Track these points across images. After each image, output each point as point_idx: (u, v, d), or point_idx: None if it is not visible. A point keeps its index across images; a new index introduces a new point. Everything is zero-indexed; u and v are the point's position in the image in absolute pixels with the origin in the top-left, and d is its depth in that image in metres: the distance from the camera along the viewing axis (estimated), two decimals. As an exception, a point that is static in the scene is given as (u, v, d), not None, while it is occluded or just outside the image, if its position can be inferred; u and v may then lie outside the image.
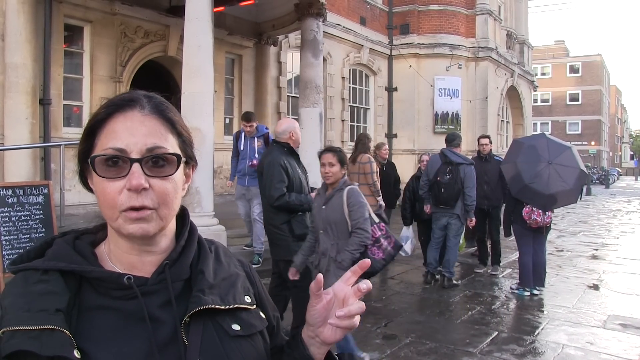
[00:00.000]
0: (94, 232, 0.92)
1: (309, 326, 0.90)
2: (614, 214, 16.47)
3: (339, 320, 0.85)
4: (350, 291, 0.87)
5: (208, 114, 6.75)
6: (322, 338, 0.88)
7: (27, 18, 6.95)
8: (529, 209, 5.88)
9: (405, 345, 4.47)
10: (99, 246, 0.90)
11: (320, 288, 0.87)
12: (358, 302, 0.86)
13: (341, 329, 0.87)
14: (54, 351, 0.73)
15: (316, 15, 9.14)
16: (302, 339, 0.92)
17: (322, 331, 0.88)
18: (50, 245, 0.87)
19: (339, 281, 0.88)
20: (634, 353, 4.38)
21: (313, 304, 0.88)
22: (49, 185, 4.92)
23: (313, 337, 0.90)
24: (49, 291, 0.78)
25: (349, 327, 0.86)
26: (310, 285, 0.86)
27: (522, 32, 20.70)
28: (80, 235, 0.90)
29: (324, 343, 0.89)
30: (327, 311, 0.87)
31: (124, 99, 0.85)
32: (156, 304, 0.83)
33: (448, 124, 15.82)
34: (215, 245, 0.98)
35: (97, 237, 0.91)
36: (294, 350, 0.92)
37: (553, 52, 57.91)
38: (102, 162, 0.81)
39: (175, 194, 0.84)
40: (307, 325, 0.91)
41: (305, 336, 0.91)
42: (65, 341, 0.74)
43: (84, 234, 0.91)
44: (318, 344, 0.90)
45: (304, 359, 0.91)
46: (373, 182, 7.01)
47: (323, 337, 0.88)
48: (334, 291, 0.87)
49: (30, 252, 0.86)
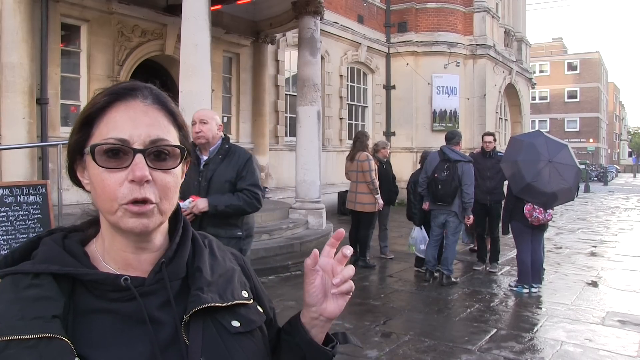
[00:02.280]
0: (83, 229, 0.88)
1: (310, 307, 0.90)
2: (612, 211, 16.49)
3: (339, 288, 0.88)
4: (334, 262, 0.90)
5: (206, 112, 6.73)
6: (326, 314, 0.90)
7: (23, 17, 6.93)
8: (530, 207, 5.89)
9: (404, 342, 4.46)
10: (90, 244, 0.85)
11: (317, 263, 0.88)
12: (347, 266, 0.90)
13: (342, 297, 0.89)
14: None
15: (313, 13, 9.14)
16: (302, 323, 0.92)
17: (325, 307, 0.89)
18: (36, 245, 0.82)
19: (321, 256, 0.90)
20: (633, 349, 4.39)
21: (311, 280, 0.89)
22: (46, 184, 4.92)
23: (316, 318, 0.91)
24: (43, 296, 0.74)
25: (349, 290, 0.89)
26: (306, 262, 0.89)
27: (520, 29, 20.71)
28: (68, 233, 0.86)
29: (328, 319, 0.91)
30: (324, 287, 0.89)
31: (126, 87, 0.82)
32: (155, 304, 0.80)
33: (446, 121, 15.82)
34: (209, 240, 0.95)
35: (87, 235, 0.87)
36: (294, 336, 0.92)
37: (551, 49, 57.95)
38: (103, 152, 0.76)
39: (176, 189, 0.81)
40: (306, 307, 0.91)
41: (305, 320, 0.92)
42: (65, 349, 0.70)
43: (72, 232, 0.87)
44: (321, 323, 0.91)
45: (306, 344, 0.91)
46: (371, 180, 7.00)
47: (327, 312, 0.90)
48: (320, 267, 0.89)
49: (14, 253, 0.81)
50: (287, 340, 0.93)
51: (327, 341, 0.95)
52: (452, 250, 6.50)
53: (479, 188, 6.79)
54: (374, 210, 7.14)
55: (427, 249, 6.67)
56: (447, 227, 6.47)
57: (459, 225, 6.50)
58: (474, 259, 7.66)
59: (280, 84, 12.34)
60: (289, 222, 8.67)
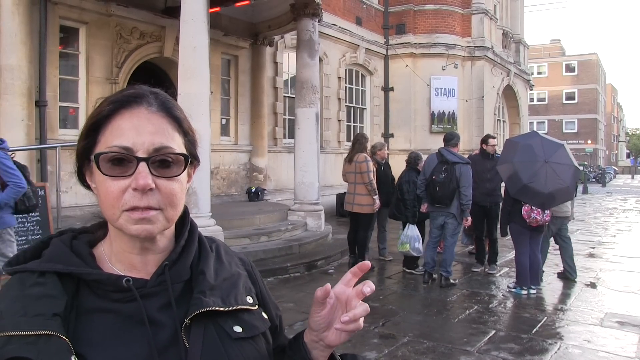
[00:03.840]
0: (92, 231, 0.90)
1: (312, 331, 0.88)
2: (610, 212, 16.51)
3: (345, 325, 0.84)
4: (352, 293, 0.85)
5: (204, 114, 6.75)
6: (326, 342, 0.88)
7: (22, 20, 6.92)
8: (528, 208, 5.89)
9: (403, 344, 4.46)
10: (98, 246, 0.87)
11: (327, 296, 0.85)
12: (361, 304, 0.85)
13: (346, 332, 0.86)
14: (51, 358, 0.70)
15: (312, 15, 9.15)
16: (305, 342, 0.90)
17: (326, 335, 0.87)
18: (47, 245, 0.84)
19: (340, 283, 0.87)
20: (631, 350, 4.39)
21: (317, 311, 0.86)
22: (45, 187, 4.93)
23: (317, 342, 0.89)
24: (46, 294, 0.76)
25: (355, 330, 0.85)
26: (316, 294, 0.85)
27: (518, 31, 20.75)
28: (77, 234, 0.88)
29: (328, 346, 0.89)
30: (331, 315, 0.86)
31: (130, 95, 0.82)
32: (156, 306, 0.81)
33: (444, 123, 15.84)
34: (216, 244, 0.96)
35: (96, 237, 0.89)
36: (296, 353, 0.91)
37: (549, 51, 58.05)
38: (107, 160, 0.78)
39: (182, 194, 0.83)
40: (309, 330, 0.89)
41: (308, 340, 0.90)
42: (63, 347, 0.72)
43: (82, 234, 0.88)
44: (322, 347, 0.89)
45: None
46: (369, 181, 7.01)
47: (327, 341, 0.87)
48: (335, 295, 0.86)
49: (26, 252, 0.83)
50: (289, 356, 0.93)
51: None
52: (450, 252, 6.50)
53: (478, 190, 6.80)
54: (372, 211, 7.14)
55: (426, 251, 6.68)
56: (445, 229, 6.47)
57: (458, 227, 6.51)
58: (473, 261, 7.67)
59: (279, 86, 12.35)
60: (287, 224, 8.67)
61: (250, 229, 8.11)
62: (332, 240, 8.98)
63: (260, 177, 11.53)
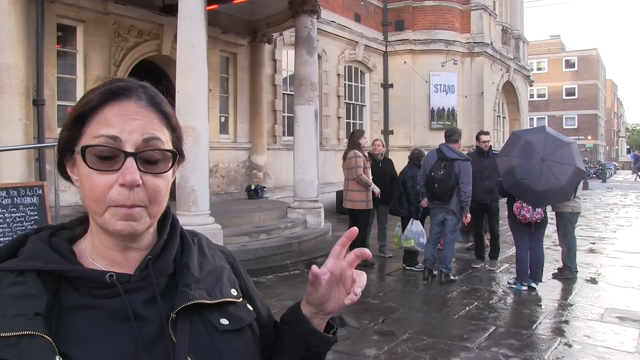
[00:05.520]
0: (71, 227, 0.88)
1: (311, 305, 0.91)
2: (610, 207, 16.49)
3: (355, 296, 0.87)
4: (344, 264, 0.89)
5: (202, 112, 6.73)
6: (328, 310, 0.91)
7: (18, 18, 6.90)
8: (519, 204, 5.88)
9: (403, 341, 4.46)
10: (78, 242, 0.85)
11: (319, 279, 0.87)
12: (359, 273, 0.89)
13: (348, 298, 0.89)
14: (33, 359, 0.68)
15: (310, 12, 9.12)
16: (304, 314, 0.92)
17: (326, 306, 0.91)
18: (23, 243, 0.81)
19: (330, 257, 0.89)
20: (631, 345, 4.38)
21: (314, 290, 0.89)
22: (43, 186, 4.90)
23: (317, 313, 0.92)
24: (26, 294, 0.73)
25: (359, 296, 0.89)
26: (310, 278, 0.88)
27: (517, 27, 20.71)
28: (55, 231, 0.85)
29: (328, 314, 0.92)
30: (329, 289, 0.89)
31: (120, 87, 0.80)
32: (141, 301, 0.79)
33: (444, 119, 15.82)
34: (198, 237, 0.95)
35: (75, 233, 0.86)
36: (296, 326, 0.92)
37: (549, 46, 57.96)
38: (94, 153, 0.76)
39: (167, 192, 0.81)
40: (307, 304, 0.92)
41: (306, 312, 0.92)
42: (46, 347, 0.70)
43: (60, 230, 0.86)
44: (322, 315, 0.92)
45: (309, 333, 0.91)
46: (358, 176, 7.04)
47: (329, 309, 0.91)
48: (329, 270, 0.89)
49: (1, 251, 0.80)
50: (288, 331, 0.94)
51: (327, 327, 0.96)
52: (450, 248, 6.49)
53: (478, 188, 6.76)
54: (364, 207, 7.14)
55: (426, 247, 6.67)
56: (445, 226, 6.46)
57: (458, 224, 6.50)
58: (473, 257, 7.66)
59: (278, 84, 12.33)
60: (287, 222, 8.66)
61: (250, 227, 8.10)
62: (332, 237, 8.97)
63: (260, 174, 11.53)
